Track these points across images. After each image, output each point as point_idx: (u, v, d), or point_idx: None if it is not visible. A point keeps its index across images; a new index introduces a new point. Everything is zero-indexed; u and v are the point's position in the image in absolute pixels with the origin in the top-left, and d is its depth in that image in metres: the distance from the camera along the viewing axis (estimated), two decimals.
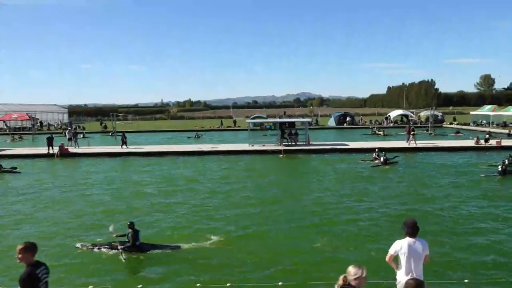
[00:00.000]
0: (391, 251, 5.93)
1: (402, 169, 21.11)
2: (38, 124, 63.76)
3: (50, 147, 28.98)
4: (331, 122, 60.76)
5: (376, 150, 23.56)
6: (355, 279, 4.41)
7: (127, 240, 9.82)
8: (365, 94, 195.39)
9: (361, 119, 65.29)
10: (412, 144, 29.41)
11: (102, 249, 9.99)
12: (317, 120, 65.34)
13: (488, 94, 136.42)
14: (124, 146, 30.82)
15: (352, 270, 4.48)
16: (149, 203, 14.70)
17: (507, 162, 19.33)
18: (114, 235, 9.98)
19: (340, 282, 4.54)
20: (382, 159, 22.29)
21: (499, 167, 18.77)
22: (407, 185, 17.24)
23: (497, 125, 48.24)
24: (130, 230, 9.82)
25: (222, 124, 62.39)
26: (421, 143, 30.25)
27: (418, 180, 18.25)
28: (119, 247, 9.72)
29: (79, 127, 60.34)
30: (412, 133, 30.15)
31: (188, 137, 43.49)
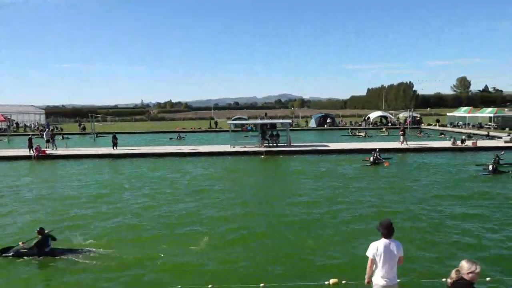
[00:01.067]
0: (370, 255, 5.96)
1: (393, 169, 21.43)
2: (14, 125, 62.27)
3: (31, 148, 28.45)
4: (312, 124, 61.19)
5: (377, 150, 24.17)
6: (469, 273, 4.57)
7: (34, 245, 9.59)
8: (346, 96, 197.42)
9: (342, 120, 65.96)
10: (403, 144, 30.12)
11: (8, 256, 9.61)
12: (306, 122, 64.86)
13: (464, 96, 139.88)
14: (114, 148, 30.68)
15: (465, 265, 4.63)
16: (120, 205, 14.51)
17: (494, 162, 20.11)
18: (21, 243, 9.75)
19: (453, 275, 4.67)
20: (371, 158, 22.69)
21: (490, 166, 19.52)
22: (401, 184, 17.48)
23: (473, 126, 49.47)
24: (39, 236, 9.62)
25: (210, 125, 62.10)
26: (402, 144, 30.71)
27: (411, 179, 18.68)
28: (22, 250, 9.55)
29: (56, 128, 59.17)
30: (400, 133, 31.02)
31: (170, 138, 43.33)
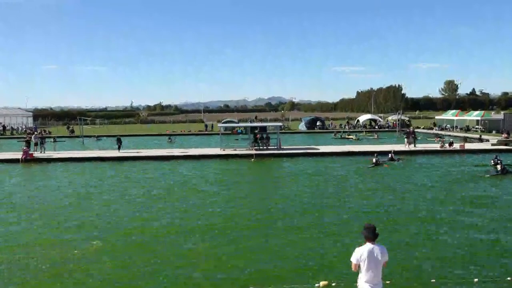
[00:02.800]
0: (354, 260, 5.96)
1: (396, 170, 21.70)
2: (1, 128, 61.47)
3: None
4: (302, 126, 61.35)
5: (392, 151, 24.98)
6: None
7: None
8: (336, 98, 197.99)
9: (331, 123, 66.23)
10: (411, 147, 30.33)
11: None
12: (306, 124, 63.18)
13: (452, 98, 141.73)
14: (119, 150, 30.57)
15: None
16: (89, 210, 14.43)
17: (499, 162, 20.35)
18: None
19: None
20: (374, 160, 23.12)
21: (498, 166, 19.84)
22: (401, 185, 17.62)
23: (461, 129, 50.07)
24: None
25: (206, 128, 61.66)
26: (397, 147, 30.91)
27: (412, 180, 19.00)
28: None
29: (44, 131, 58.51)
30: (405, 136, 31.29)
31: (162, 142, 43.00)
